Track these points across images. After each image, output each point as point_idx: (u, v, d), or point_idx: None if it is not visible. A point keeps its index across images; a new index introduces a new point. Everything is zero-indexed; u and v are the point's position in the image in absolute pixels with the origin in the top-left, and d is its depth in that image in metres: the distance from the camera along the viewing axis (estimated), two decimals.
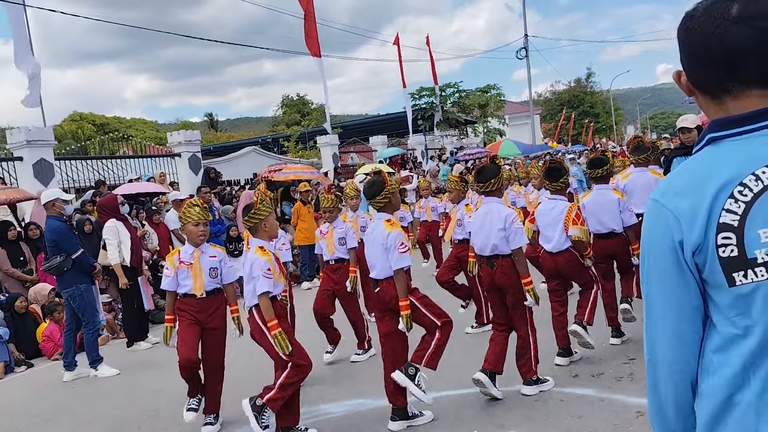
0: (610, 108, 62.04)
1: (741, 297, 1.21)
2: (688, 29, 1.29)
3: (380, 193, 4.26)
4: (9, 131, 11.15)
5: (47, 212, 6.88)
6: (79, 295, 6.64)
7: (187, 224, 4.62)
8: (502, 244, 4.49)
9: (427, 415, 4.32)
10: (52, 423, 5.30)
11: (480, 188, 4.72)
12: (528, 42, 29.18)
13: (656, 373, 1.39)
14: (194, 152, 14.70)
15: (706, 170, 1.26)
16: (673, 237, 1.26)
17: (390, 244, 4.14)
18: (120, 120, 52.63)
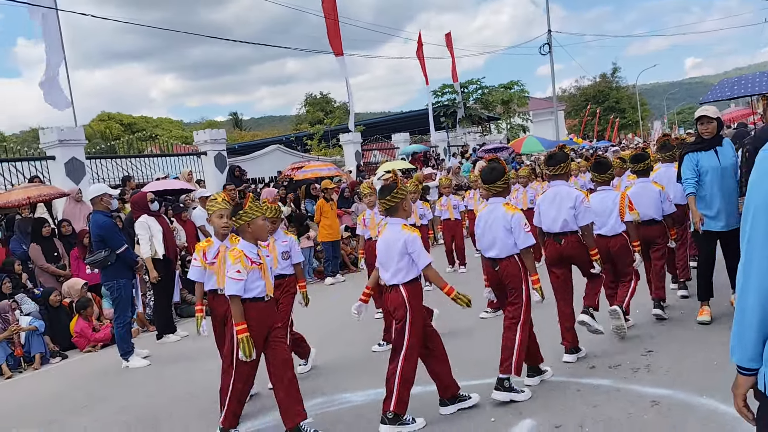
0: (636, 103, 61.28)
1: None
2: None
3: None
4: (42, 131, 11.50)
5: (94, 207, 7.10)
6: (118, 288, 6.90)
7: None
8: (571, 221, 5.02)
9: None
10: (87, 411, 5.53)
11: (550, 171, 5.21)
12: (551, 37, 29.01)
13: (746, 300, 1.66)
14: (220, 151, 14.97)
15: None
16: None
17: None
18: (147, 119, 53.54)
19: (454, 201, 10.24)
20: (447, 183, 10.53)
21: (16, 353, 7.39)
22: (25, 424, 5.39)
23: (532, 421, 4.08)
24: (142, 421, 5.05)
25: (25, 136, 43.47)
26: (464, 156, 22.45)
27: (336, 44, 18.74)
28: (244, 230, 4.12)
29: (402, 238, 4.16)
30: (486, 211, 4.64)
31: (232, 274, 3.98)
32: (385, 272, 4.28)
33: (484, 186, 4.68)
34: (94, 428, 5.05)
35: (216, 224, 4.78)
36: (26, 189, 9.16)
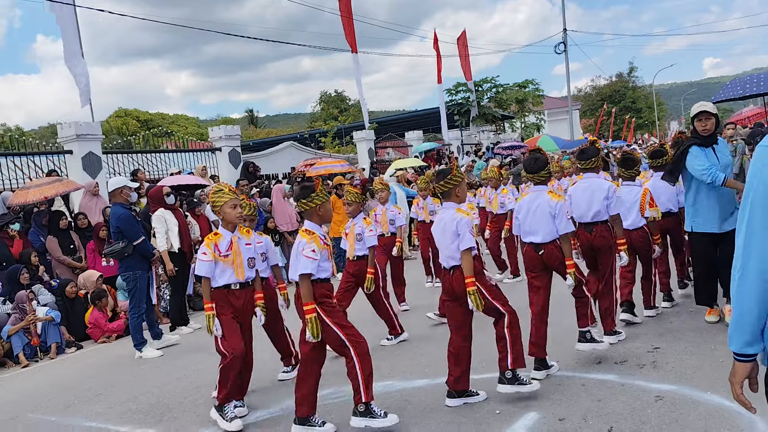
0: (652, 103, 60.79)
1: None
2: None
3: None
4: (60, 126, 11.67)
5: (114, 199, 7.24)
6: (134, 279, 7.05)
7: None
8: (603, 211, 5.32)
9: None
10: (101, 398, 5.65)
11: (582, 165, 5.59)
12: (567, 36, 28.88)
13: (745, 285, 1.74)
14: (234, 147, 15.10)
15: None
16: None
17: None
18: (163, 116, 53.98)
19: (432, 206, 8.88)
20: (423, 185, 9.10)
21: (33, 342, 7.54)
22: (41, 409, 5.53)
23: (537, 414, 4.13)
24: (154, 409, 5.16)
25: (44, 132, 44.02)
26: (477, 154, 22.44)
27: (350, 41, 18.82)
28: (314, 213, 4.23)
29: (455, 220, 4.30)
30: (528, 199, 4.97)
31: (308, 253, 4.04)
32: (442, 256, 4.44)
33: (528, 176, 5.04)
34: (108, 415, 5.16)
35: (229, 215, 4.65)
36: (41, 189, 9.24)
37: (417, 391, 4.85)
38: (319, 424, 4.18)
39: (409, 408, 4.50)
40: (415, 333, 6.55)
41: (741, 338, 1.78)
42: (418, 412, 4.40)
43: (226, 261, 4.58)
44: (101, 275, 8.77)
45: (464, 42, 27.30)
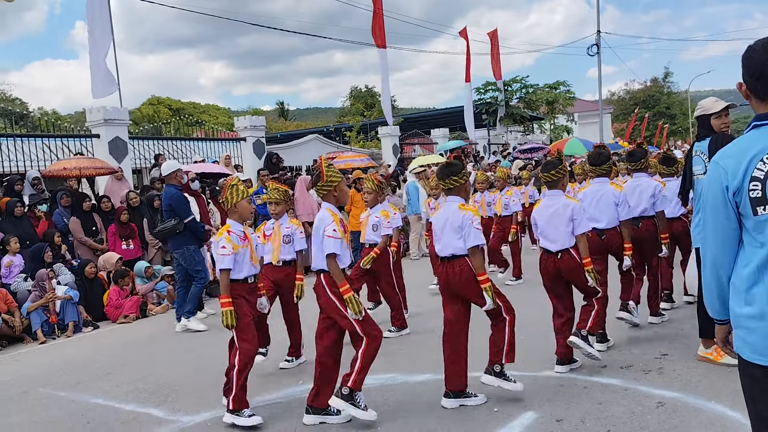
0: (687, 110, 59.63)
1: (760, 222, 2.01)
2: (750, 57, 2.09)
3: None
4: (88, 110, 11.91)
5: (168, 181, 7.85)
6: (189, 255, 7.51)
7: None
8: (650, 208, 5.85)
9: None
10: (111, 376, 5.77)
11: (632, 166, 6.11)
12: (600, 38, 28.49)
13: (706, 272, 2.21)
14: (259, 137, 15.24)
15: (748, 144, 2.05)
16: (722, 183, 2.06)
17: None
18: (195, 105, 54.58)
19: (488, 197, 9.34)
20: (483, 179, 9.53)
21: (51, 320, 7.72)
22: (52, 384, 5.66)
23: (535, 414, 4.11)
24: (161, 389, 5.25)
25: (79, 116, 44.91)
26: (502, 154, 22.27)
27: (379, 37, 18.81)
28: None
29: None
30: (592, 190, 5.51)
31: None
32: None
33: (590, 168, 5.67)
34: (116, 392, 5.27)
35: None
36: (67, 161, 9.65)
37: (419, 386, 4.85)
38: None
39: (410, 402, 4.51)
40: (420, 327, 6.55)
41: (713, 310, 2.28)
42: (417, 407, 4.40)
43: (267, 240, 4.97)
44: (121, 257, 8.94)
45: (496, 41, 27.10)
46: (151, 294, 8.88)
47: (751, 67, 2.09)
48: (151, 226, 9.60)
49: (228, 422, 4.26)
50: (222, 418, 4.34)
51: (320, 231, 4.12)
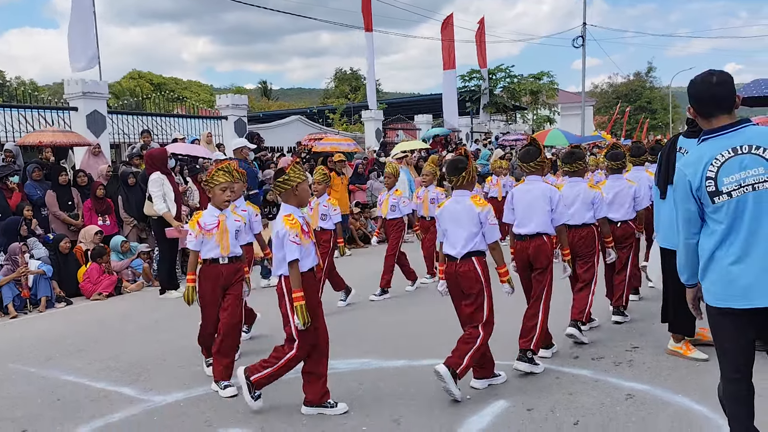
0: (668, 105, 60.23)
1: (717, 208, 2.76)
2: (693, 87, 2.86)
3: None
4: (66, 82, 11.67)
5: (235, 155, 9.06)
6: None
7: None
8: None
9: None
10: (83, 353, 5.71)
11: (634, 161, 6.60)
12: (585, 30, 28.56)
13: (680, 248, 2.96)
14: (240, 116, 15.08)
15: (701, 153, 2.81)
16: (686, 184, 2.81)
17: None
18: (177, 81, 53.78)
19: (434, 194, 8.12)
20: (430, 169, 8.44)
21: (23, 295, 7.60)
22: (22, 360, 5.59)
23: (506, 402, 4.15)
24: (132, 368, 5.21)
25: (57, 87, 43.98)
26: (484, 143, 22.30)
27: (367, 20, 18.67)
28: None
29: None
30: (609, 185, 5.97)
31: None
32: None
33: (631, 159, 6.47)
34: (87, 370, 5.22)
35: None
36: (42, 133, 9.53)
37: (393, 372, 4.87)
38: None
39: (382, 388, 4.52)
40: (401, 313, 6.58)
41: (684, 275, 3.00)
42: (390, 393, 4.42)
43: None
44: (100, 230, 8.83)
45: (482, 28, 27.02)
46: (126, 271, 8.79)
47: (693, 95, 2.86)
48: (125, 203, 9.48)
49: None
50: (193, 397, 4.32)
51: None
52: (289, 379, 4.69)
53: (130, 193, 9.50)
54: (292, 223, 3.97)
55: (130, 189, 9.51)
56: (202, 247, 4.67)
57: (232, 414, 4.16)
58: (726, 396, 2.90)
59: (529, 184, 4.98)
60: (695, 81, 2.85)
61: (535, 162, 4.93)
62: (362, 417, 4.04)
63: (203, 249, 4.67)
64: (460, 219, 4.30)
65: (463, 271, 4.26)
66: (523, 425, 3.82)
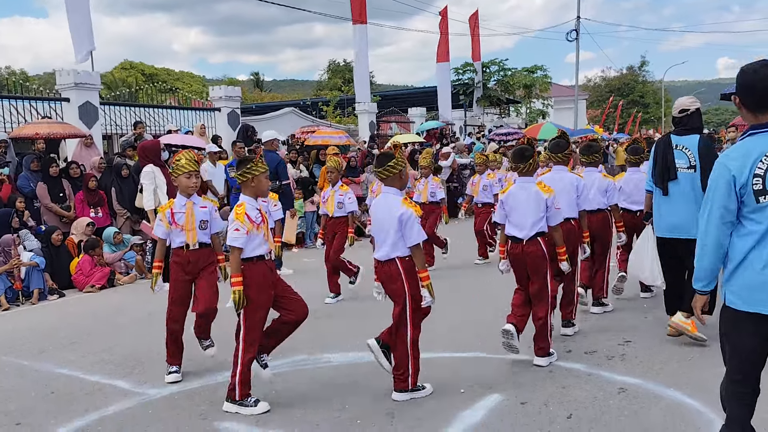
0: (660, 99, 60.38)
1: (760, 208, 2.63)
2: (747, 76, 2.68)
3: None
4: (58, 72, 11.56)
5: (266, 147, 9.11)
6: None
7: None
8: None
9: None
10: (75, 346, 5.70)
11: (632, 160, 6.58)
12: (579, 24, 28.58)
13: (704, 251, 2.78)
14: (233, 108, 15.00)
15: (749, 149, 2.66)
16: (730, 180, 2.65)
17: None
18: (168, 72, 53.39)
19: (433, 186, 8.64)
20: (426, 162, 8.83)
21: (15, 287, 7.57)
22: (15, 352, 5.58)
23: (500, 396, 4.17)
24: (126, 361, 5.21)
25: (48, 77, 43.60)
26: (477, 136, 22.30)
27: (361, 12, 18.58)
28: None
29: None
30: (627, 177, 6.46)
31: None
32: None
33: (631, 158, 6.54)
34: (81, 363, 5.21)
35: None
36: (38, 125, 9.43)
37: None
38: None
39: (374, 383, 4.53)
40: None
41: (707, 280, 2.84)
42: (384, 387, 4.43)
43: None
44: (92, 222, 8.79)
45: (476, 21, 26.97)
46: (119, 263, 8.76)
47: (744, 85, 2.68)
48: (118, 195, 9.43)
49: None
50: (188, 390, 4.32)
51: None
52: (285, 373, 4.73)
53: (123, 185, 9.45)
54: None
55: (124, 181, 9.46)
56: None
57: None
58: (728, 395, 2.83)
59: (556, 173, 5.38)
60: (748, 70, 2.67)
61: (563, 153, 5.42)
62: (356, 410, 4.05)
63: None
64: (527, 203, 4.64)
65: (531, 251, 4.62)
66: (517, 419, 3.84)
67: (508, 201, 4.76)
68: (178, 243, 4.68)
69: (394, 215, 4.05)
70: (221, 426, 3.93)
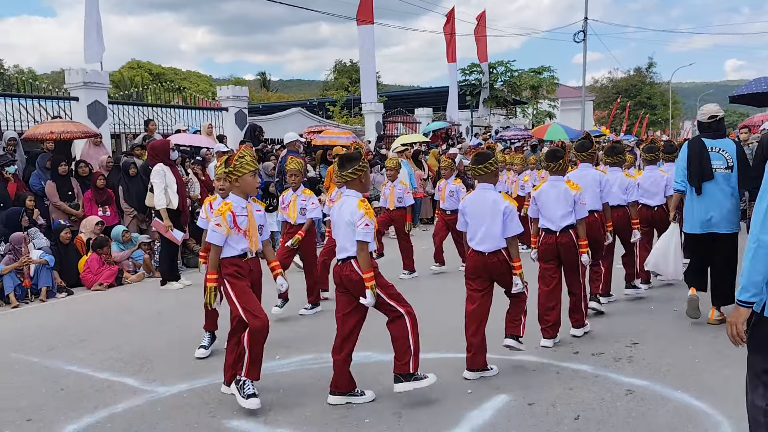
0: (668, 101, 60.19)
1: None
2: None
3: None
4: (67, 71, 11.62)
5: (288, 147, 10.18)
6: None
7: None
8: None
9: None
10: (85, 344, 5.74)
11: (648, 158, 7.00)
12: (587, 25, 28.52)
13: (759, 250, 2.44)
14: (241, 108, 15.05)
15: None
16: None
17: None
18: (176, 71, 53.56)
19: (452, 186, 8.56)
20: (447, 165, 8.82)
21: (25, 284, 7.62)
22: (24, 350, 5.61)
23: (507, 396, 4.18)
24: (135, 358, 5.24)
25: (56, 76, 43.79)
26: (483, 137, 22.28)
27: (368, 12, 18.61)
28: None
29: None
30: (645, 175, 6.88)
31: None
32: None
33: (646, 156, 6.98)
34: (90, 360, 5.24)
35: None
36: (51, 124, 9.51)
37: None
38: None
39: (382, 382, 4.55)
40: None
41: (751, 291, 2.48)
42: (391, 387, 4.43)
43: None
44: (101, 221, 8.84)
45: (483, 22, 26.95)
46: (126, 262, 8.81)
47: None
48: (126, 194, 9.48)
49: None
50: (197, 388, 4.34)
51: None
52: (294, 372, 4.75)
53: (131, 184, 9.50)
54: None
55: (131, 179, 9.51)
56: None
57: (236, 405, 4.16)
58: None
59: (582, 170, 5.95)
60: None
61: (587, 152, 6.01)
62: (364, 410, 4.07)
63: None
64: (557, 199, 5.18)
65: (564, 242, 5.16)
66: (524, 419, 3.85)
67: (540, 197, 5.29)
68: (239, 251, 4.23)
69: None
70: (230, 424, 3.96)
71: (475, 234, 4.57)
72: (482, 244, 4.51)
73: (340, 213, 4.16)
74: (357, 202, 4.10)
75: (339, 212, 4.19)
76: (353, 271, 4.06)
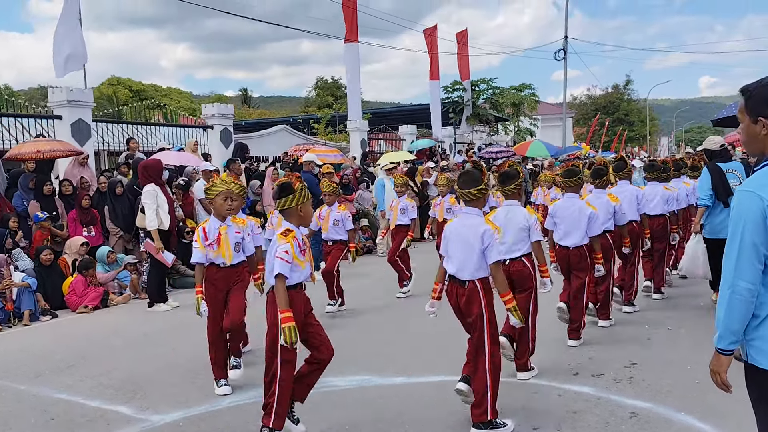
0: (645, 117, 61.19)
1: None
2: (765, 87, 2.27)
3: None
4: (51, 90, 11.45)
5: (305, 168, 11.19)
6: None
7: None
8: None
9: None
10: (72, 370, 5.57)
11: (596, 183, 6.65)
12: (567, 43, 28.92)
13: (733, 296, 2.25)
14: (226, 126, 14.95)
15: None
16: (763, 208, 2.20)
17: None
18: (156, 88, 53.31)
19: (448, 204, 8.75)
20: (444, 182, 9.11)
21: (7, 308, 7.42)
22: (10, 376, 5.44)
23: (511, 421, 4.12)
24: (126, 385, 5.09)
25: (33, 93, 43.30)
26: (467, 154, 22.39)
27: (352, 30, 18.69)
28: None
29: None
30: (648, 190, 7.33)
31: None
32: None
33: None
34: (79, 387, 5.09)
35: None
36: (37, 143, 9.31)
37: (393, 389, 4.83)
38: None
39: (384, 405, 4.48)
40: (392, 326, 6.54)
41: (729, 338, 2.30)
42: (392, 412, 4.37)
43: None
44: (86, 242, 8.66)
45: (465, 40, 27.21)
46: (112, 283, 8.63)
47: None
48: (111, 214, 9.31)
49: None
50: (193, 416, 4.22)
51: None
52: None
53: (116, 203, 9.34)
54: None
55: (117, 199, 9.35)
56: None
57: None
58: None
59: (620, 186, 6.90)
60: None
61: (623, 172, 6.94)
62: None
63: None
64: (572, 216, 5.54)
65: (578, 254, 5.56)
66: None
67: (557, 213, 5.65)
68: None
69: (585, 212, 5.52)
70: None
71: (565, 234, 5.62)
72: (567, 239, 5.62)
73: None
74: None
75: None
76: (525, 267, 4.73)
